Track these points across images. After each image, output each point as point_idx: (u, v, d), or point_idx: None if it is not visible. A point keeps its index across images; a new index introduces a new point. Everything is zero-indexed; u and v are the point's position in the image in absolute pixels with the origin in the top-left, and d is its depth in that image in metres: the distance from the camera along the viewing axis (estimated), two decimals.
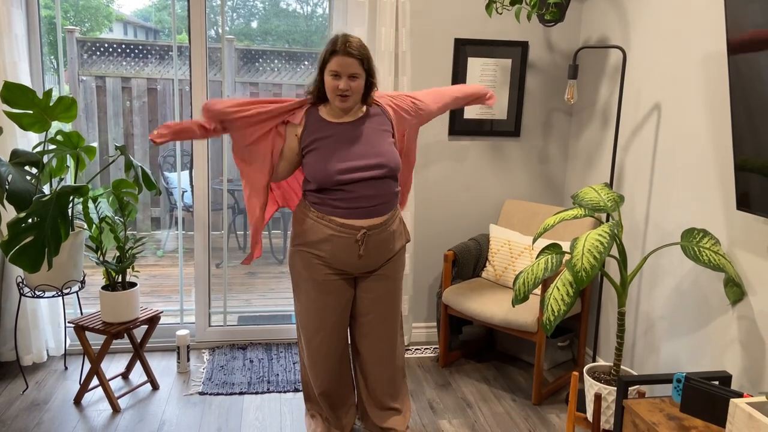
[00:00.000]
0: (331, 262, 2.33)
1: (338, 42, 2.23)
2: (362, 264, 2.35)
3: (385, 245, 2.37)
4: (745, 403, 1.75)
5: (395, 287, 2.49)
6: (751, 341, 2.22)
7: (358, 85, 2.26)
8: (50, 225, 2.49)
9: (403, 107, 2.45)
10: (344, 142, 2.29)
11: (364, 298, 2.45)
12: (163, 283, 4.68)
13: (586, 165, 3.42)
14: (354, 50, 2.22)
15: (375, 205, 2.30)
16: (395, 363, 2.57)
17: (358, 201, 2.27)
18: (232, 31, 6.07)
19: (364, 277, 2.43)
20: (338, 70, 2.22)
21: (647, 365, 2.85)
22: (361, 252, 2.30)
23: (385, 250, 2.38)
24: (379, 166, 2.28)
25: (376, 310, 2.46)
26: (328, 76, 2.25)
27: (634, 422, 2.06)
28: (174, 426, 2.71)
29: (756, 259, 2.20)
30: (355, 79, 2.24)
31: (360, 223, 2.28)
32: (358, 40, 2.27)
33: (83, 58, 5.61)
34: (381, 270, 2.43)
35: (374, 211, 2.30)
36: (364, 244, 2.29)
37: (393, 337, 2.54)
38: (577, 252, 2.16)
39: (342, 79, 2.22)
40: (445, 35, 3.38)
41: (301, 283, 2.40)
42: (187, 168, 5.36)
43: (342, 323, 2.47)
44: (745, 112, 2.05)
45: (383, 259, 2.40)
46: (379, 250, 2.36)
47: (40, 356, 3.22)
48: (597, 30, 3.31)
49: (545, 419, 2.87)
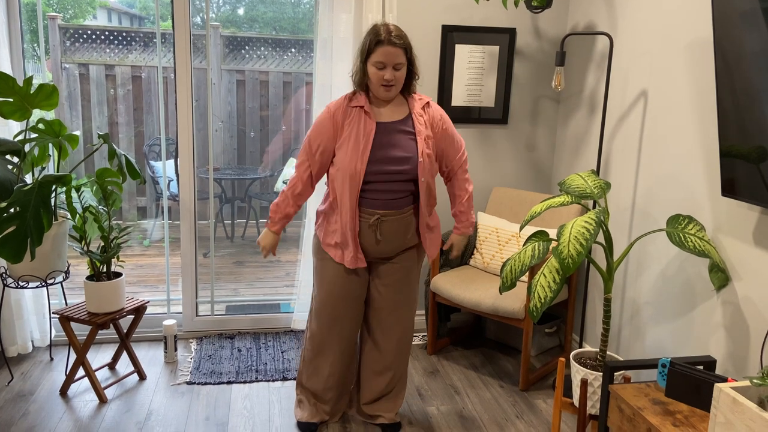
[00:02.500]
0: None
1: (382, 32, 2.23)
2: (380, 248, 2.41)
3: (403, 230, 2.41)
4: (729, 387, 1.77)
5: (410, 278, 2.53)
6: (736, 326, 2.24)
7: (402, 75, 2.28)
8: (32, 215, 2.46)
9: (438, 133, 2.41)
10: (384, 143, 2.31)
11: (380, 286, 2.50)
12: (150, 272, 4.65)
13: (573, 152, 3.43)
14: (398, 39, 2.22)
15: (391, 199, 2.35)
16: (404, 354, 2.60)
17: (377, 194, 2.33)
18: (217, 18, 6.00)
19: (382, 265, 2.47)
20: (383, 60, 2.22)
21: (633, 351, 2.88)
22: (378, 237, 2.37)
23: (403, 235, 2.42)
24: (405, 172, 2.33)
25: (392, 299, 2.51)
26: (373, 66, 2.25)
27: (619, 407, 2.08)
28: (161, 416, 2.70)
29: (740, 244, 2.21)
30: (399, 68, 2.26)
31: (376, 211, 2.35)
32: (398, 27, 2.27)
33: (66, 45, 5.52)
34: (399, 258, 2.47)
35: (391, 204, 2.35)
36: (378, 229, 2.36)
37: (405, 327, 2.57)
38: (563, 239, 2.16)
39: (387, 69, 2.24)
40: (433, 22, 3.36)
41: (320, 266, 2.48)
42: (172, 157, 5.31)
43: (355, 314, 2.51)
44: (730, 98, 2.06)
45: (401, 245, 2.44)
46: (397, 235, 2.40)
47: (25, 347, 3.19)
48: (584, 16, 3.30)
49: (532, 405, 2.89)
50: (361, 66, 2.30)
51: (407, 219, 2.40)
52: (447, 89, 3.44)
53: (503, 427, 2.69)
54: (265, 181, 5.76)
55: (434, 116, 2.40)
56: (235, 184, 5.62)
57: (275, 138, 5.86)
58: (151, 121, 5.61)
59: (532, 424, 2.73)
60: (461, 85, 3.45)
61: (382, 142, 2.31)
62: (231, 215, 5.57)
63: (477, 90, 3.47)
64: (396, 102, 2.38)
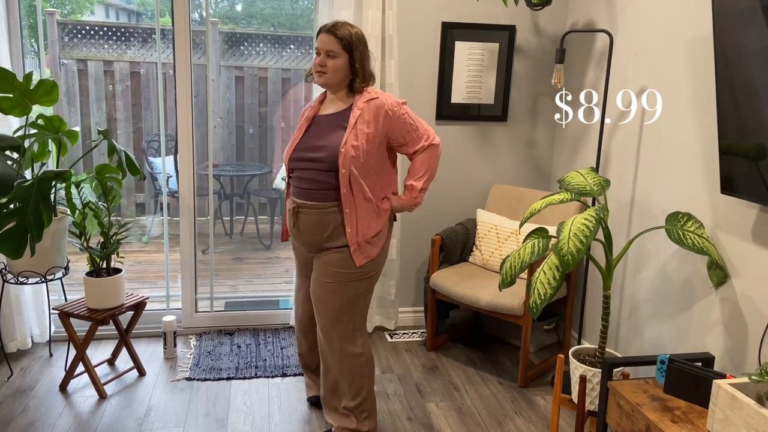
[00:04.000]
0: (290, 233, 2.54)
1: (327, 23, 2.33)
2: (299, 238, 2.45)
3: (314, 227, 2.35)
4: (727, 384, 1.78)
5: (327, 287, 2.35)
6: (734, 323, 2.25)
7: (335, 64, 2.30)
8: (32, 210, 2.46)
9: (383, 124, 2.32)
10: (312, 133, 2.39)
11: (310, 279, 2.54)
12: (149, 269, 4.65)
13: (572, 149, 3.43)
14: (336, 30, 2.30)
15: (309, 189, 2.35)
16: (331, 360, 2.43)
17: (300, 182, 2.38)
18: (216, 14, 5.99)
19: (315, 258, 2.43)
20: (318, 46, 2.33)
21: (631, 347, 2.89)
22: (292, 226, 2.45)
23: (314, 232, 2.36)
24: (320, 160, 2.30)
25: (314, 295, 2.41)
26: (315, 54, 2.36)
27: (618, 403, 2.09)
28: (161, 412, 2.70)
29: (739, 242, 2.22)
30: (332, 57, 2.29)
31: (296, 200, 2.40)
32: (345, 23, 2.33)
33: (64, 40, 5.51)
34: (321, 259, 2.38)
35: (308, 195, 2.35)
36: (295, 217, 2.40)
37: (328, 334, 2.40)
38: (563, 236, 2.17)
39: (321, 56, 2.32)
40: (433, 19, 3.36)
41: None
42: (171, 153, 5.31)
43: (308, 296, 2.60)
44: (730, 96, 2.06)
45: (315, 242, 2.37)
46: (310, 230, 2.38)
47: (24, 343, 3.19)
48: (584, 14, 3.30)
49: (531, 401, 2.90)
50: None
51: (326, 215, 2.31)
52: (447, 86, 3.44)
53: (502, 424, 2.70)
54: (264, 177, 5.76)
55: (378, 108, 2.29)
56: (234, 180, 5.61)
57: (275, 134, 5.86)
58: (149, 117, 5.60)
59: (531, 420, 2.74)
60: (461, 82, 3.45)
61: (312, 132, 2.38)
62: (230, 212, 5.57)
63: (477, 87, 3.47)
64: (342, 98, 2.38)
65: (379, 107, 2.30)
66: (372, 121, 2.29)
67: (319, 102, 2.47)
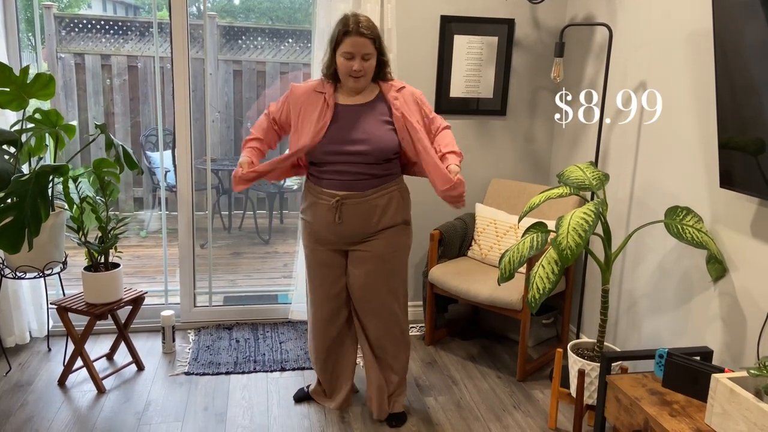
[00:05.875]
0: (317, 229, 2.44)
1: (350, 23, 2.26)
2: (342, 231, 2.40)
3: (365, 214, 2.38)
4: (726, 378, 1.78)
5: (386, 268, 2.46)
6: (732, 317, 2.25)
7: (371, 65, 2.31)
8: (30, 205, 2.45)
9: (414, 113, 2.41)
10: (343, 124, 2.34)
11: (354, 274, 2.48)
12: (147, 263, 4.64)
13: (571, 143, 3.43)
14: (366, 30, 2.25)
15: (352, 180, 2.36)
16: (392, 343, 2.57)
17: (338, 174, 2.35)
18: (213, 8, 5.96)
19: (353, 251, 2.45)
20: (352, 51, 2.25)
21: (630, 341, 2.89)
22: (337, 219, 2.37)
23: (365, 219, 2.39)
24: (365, 153, 2.32)
25: (367, 288, 2.47)
26: (341, 57, 2.28)
27: (617, 397, 2.09)
28: (160, 406, 2.70)
29: (738, 236, 2.22)
30: (368, 59, 2.27)
31: (336, 192, 2.36)
32: (367, 18, 2.30)
33: (61, 34, 5.48)
34: (369, 246, 2.43)
35: (352, 186, 2.36)
36: (339, 211, 2.36)
37: (388, 316, 2.52)
38: (562, 230, 2.17)
39: (356, 60, 2.26)
40: (431, 12, 3.35)
41: (304, 250, 2.56)
42: (169, 147, 5.29)
43: (334, 298, 2.52)
44: (729, 90, 2.06)
45: (364, 229, 2.40)
46: (358, 219, 2.38)
47: (22, 337, 3.19)
48: (583, 7, 3.29)
49: (529, 395, 2.90)
50: (331, 56, 2.34)
51: (373, 200, 2.37)
52: (445, 80, 3.43)
53: (500, 418, 2.71)
54: None
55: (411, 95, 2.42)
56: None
57: None
58: (147, 111, 5.58)
59: (530, 414, 2.74)
60: (460, 76, 3.44)
61: (343, 123, 2.34)
62: (228, 206, 5.56)
63: (475, 81, 3.46)
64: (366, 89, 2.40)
65: (412, 94, 2.43)
66: (415, 109, 2.40)
67: (332, 88, 2.39)
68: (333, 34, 2.31)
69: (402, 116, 2.34)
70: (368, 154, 2.32)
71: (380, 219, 2.41)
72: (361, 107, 2.37)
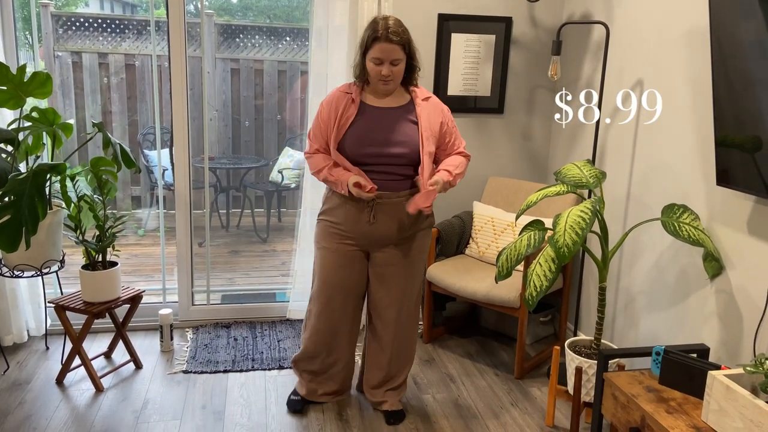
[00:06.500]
0: (345, 229, 2.43)
1: (379, 28, 2.26)
2: (375, 232, 2.41)
3: (398, 217, 2.41)
4: (722, 375, 1.78)
5: (410, 272, 2.51)
6: (729, 314, 2.26)
7: (400, 70, 2.33)
8: (27, 204, 2.45)
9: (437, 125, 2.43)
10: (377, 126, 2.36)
11: (378, 275, 2.50)
12: (145, 262, 4.64)
13: (569, 141, 3.43)
14: (395, 36, 2.26)
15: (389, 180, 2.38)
16: (405, 344, 2.61)
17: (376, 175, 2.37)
18: (211, 6, 5.95)
19: (379, 252, 2.47)
20: (381, 56, 2.27)
21: (627, 339, 2.90)
22: (372, 219, 2.38)
23: (399, 222, 2.41)
24: (403, 155, 2.36)
25: (389, 289, 2.50)
26: (370, 62, 2.30)
27: (614, 395, 2.10)
28: (158, 404, 2.71)
29: (734, 233, 2.23)
30: (397, 64, 2.30)
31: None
32: (397, 22, 2.30)
33: (58, 33, 5.47)
34: (396, 249, 2.45)
35: (389, 186, 2.38)
36: (373, 210, 2.37)
37: (404, 318, 2.57)
38: (559, 228, 2.17)
39: (384, 65, 2.28)
40: (429, 10, 3.35)
41: (318, 252, 2.52)
42: (167, 146, 5.29)
43: (354, 297, 2.53)
44: (726, 88, 2.06)
45: (397, 232, 2.43)
46: (392, 221, 2.40)
47: (20, 336, 3.19)
48: (580, 5, 3.29)
49: (527, 393, 2.91)
50: (361, 60, 2.35)
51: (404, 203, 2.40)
52: (443, 78, 3.43)
53: (498, 415, 2.71)
54: (260, 170, 5.74)
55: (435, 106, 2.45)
56: (230, 173, 5.60)
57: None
58: (144, 109, 5.57)
59: (527, 411, 2.75)
60: (457, 74, 3.44)
61: (377, 125, 2.35)
62: (226, 204, 5.55)
63: (473, 79, 3.46)
64: (396, 92, 2.43)
65: (436, 105, 2.45)
66: (435, 121, 2.41)
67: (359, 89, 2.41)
68: (363, 38, 2.32)
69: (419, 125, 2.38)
70: (403, 156, 2.35)
71: (411, 222, 2.44)
72: (394, 110, 2.40)
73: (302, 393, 2.70)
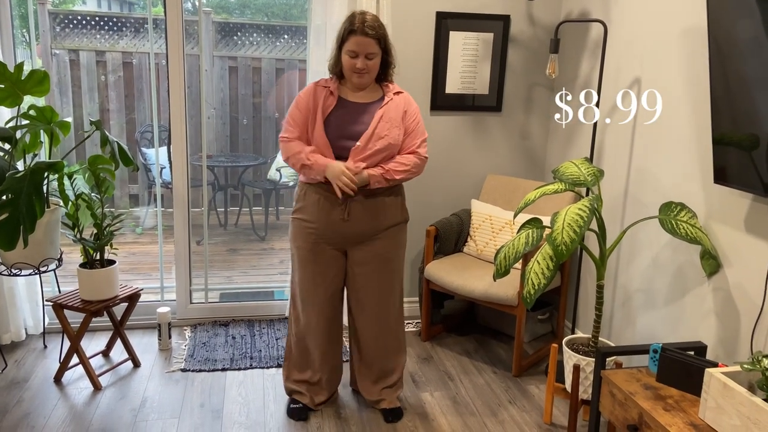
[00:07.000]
0: (319, 228, 2.41)
1: (356, 21, 2.29)
2: (348, 229, 2.40)
3: (372, 213, 2.40)
4: (720, 372, 1.79)
5: (389, 267, 2.50)
6: (726, 312, 2.26)
7: (375, 64, 2.34)
8: (25, 202, 2.45)
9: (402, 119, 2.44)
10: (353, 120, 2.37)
11: (357, 273, 2.49)
12: (143, 260, 4.64)
13: (567, 140, 3.43)
14: (371, 30, 2.28)
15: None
16: (390, 340, 2.61)
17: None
18: (209, 4, 5.94)
19: (356, 250, 2.46)
20: (356, 49, 2.29)
21: (624, 337, 2.91)
22: (346, 216, 2.37)
23: (373, 218, 2.41)
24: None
25: (369, 287, 2.50)
26: (346, 54, 2.32)
27: (611, 392, 2.10)
28: (156, 403, 2.71)
29: (732, 231, 2.23)
30: (371, 58, 2.31)
31: None
32: (374, 17, 2.32)
33: (56, 31, 5.46)
34: (372, 246, 2.45)
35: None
36: (348, 207, 2.37)
37: (387, 314, 2.56)
38: (557, 226, 2.18)
39: (359, 59, 2.30)
40: (427, 9, 3.35)
41: (295, 251, 2.50)
42: (165, 144, 5.28)
43: (332, 296, 2.52)
44: (724, 86, 2.06)
45: (371, 228, 2.42)
46: (366, 217, 2.40)
47: (18, 335, 3.18)
48: (578, 4, 3.29)
49: (525, 390, 2.91)
50: (337, 53, 2.37)
51: (380, 198, 2.40)
52: (441, 76, 3.43)
53: (496, 413, 2.72)
54: (258, 168, 5.74)
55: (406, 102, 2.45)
56: (228, 171, 5.59)
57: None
58: (142, 107, 5.56)
59: (525, 409, 2.75)
60: (455, 73, 3.44)
61: (351, 119, 2.36)
62: (224, 203, 5.55)
63: (471, 77, 3.46)
64: (370, 88, 2.45)
65: (406, 99, 2.45)
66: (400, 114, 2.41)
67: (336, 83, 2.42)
68: (339, 31, 2.34)
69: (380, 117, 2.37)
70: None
71: (386, 217, 2.44)
72: (368, 105, 2.41)
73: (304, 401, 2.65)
